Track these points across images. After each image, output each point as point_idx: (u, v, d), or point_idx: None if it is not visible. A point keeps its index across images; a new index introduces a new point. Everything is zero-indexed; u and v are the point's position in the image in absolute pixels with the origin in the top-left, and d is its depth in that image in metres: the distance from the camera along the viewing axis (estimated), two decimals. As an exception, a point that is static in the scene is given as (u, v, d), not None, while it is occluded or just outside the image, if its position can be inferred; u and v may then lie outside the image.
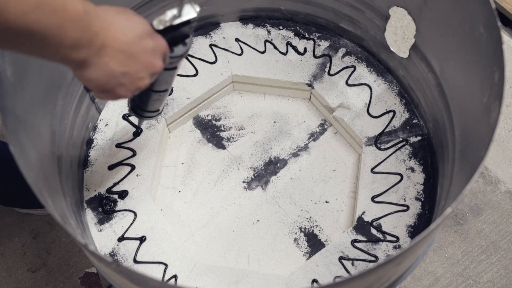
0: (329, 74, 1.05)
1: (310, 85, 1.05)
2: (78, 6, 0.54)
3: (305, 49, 1.08)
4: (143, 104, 0.80)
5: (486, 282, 1.26)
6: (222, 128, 1.06)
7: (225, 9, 1.09)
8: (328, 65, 1.06)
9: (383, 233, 0.90)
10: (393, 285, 0.79)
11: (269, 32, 1.10)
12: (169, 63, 0.70)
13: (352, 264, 0.88)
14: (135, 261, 0.89)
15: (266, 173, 1.01)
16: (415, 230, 0.90)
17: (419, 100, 0.99)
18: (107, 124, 1.01)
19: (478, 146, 0.70)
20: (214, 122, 1.07)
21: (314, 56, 1.07)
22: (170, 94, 1.02)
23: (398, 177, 0.95)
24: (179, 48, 0.69)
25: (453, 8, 0.78)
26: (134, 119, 1.01)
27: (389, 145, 0.98)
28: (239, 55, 1.08)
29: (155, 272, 0.88)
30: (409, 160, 0.97)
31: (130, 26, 0.61)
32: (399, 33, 0.95)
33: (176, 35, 0.68)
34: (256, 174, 1.01)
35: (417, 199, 0.93)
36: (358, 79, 1.05)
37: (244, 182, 1.01)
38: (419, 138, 0.99)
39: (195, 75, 1.06)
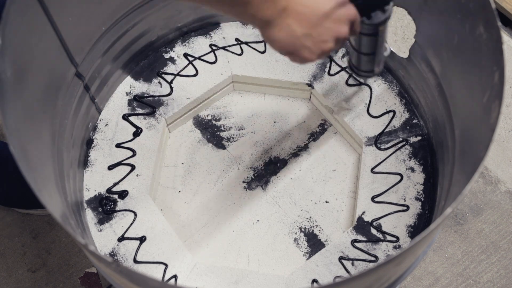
0: (329, 74, 1.05)
1: (310, 85, 1.05)
2: None
3: (305, 49, 1.08)
4: (357, 64, 0.87)
5: (486, 282, 1.26)
6: (222, 128, 1.06)
7: (225, 9, 1.08)
8: (328, 65, 1.06)
9: (383, 233, 0.90)
10: (393, 285, 0.79)
11: (269, 32, 1.10)
12: (366, 29, 0.73)
13: (352, 264, 0.88)
14: (135, 261, 0.89)
15: (266, 173, 1.01)
16: (415, 230, 0.90)
17: (419, 100, 0.99)
18: (107, 124, 1.01)
19: (478, 146, 0.70)
20: (214, 122, 1.07)
21: (314, 56, 1.07)
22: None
23: (398, 177, 0.95)
24: (377, 15, 0.72)
25: (453, 8, 0.78)
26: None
27: (389, 145, 0.98)
28: (239, 55, 1.08)
29: (155, 272, 0.88)
30: (409, 160, 0.97)
31: None
32: (399, 33, 0.95)
33: (372, 2, 0.70)
34: (256, 174, 1.01)
35: (417, 199, 0.93)
36: (358, 79, 1.04)
37: (244, 182, 1.01)
38: (419, 138, 0.99)
39: (195, 75, 1.06)
